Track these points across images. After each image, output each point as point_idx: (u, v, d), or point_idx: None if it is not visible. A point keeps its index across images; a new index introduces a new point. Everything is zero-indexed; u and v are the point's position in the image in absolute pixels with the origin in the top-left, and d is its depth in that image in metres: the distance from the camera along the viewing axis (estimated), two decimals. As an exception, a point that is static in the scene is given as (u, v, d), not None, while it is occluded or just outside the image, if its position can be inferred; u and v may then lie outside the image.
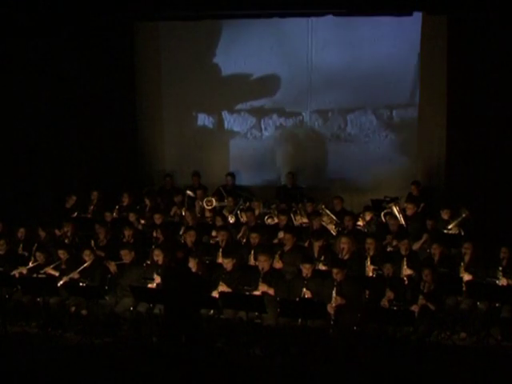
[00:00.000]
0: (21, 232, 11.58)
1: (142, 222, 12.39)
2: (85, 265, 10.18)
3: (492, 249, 10.30)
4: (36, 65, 13.91)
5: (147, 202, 13.05)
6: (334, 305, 9.04)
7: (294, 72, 14.33)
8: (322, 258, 10.33)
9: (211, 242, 11.40)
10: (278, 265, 10.30)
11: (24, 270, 10.57)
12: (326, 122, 14.34)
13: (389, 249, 10.94)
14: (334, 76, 14.13)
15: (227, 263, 9.84)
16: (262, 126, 14.69)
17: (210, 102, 14.77)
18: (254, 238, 10.77)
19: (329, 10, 13.52)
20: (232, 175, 14.14)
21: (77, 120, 14.42)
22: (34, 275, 10.37)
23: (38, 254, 10.71)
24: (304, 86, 14.29)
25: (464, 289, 9.59)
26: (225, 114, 14.79)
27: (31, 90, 14.01)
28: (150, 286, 9.75)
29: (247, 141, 14.75)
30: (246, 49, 14.45)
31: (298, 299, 9.16)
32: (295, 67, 14.31)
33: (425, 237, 11.04)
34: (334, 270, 9.31)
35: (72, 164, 14.45)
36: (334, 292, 9.12)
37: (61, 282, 9.91)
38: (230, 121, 14.80)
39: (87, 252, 10.32)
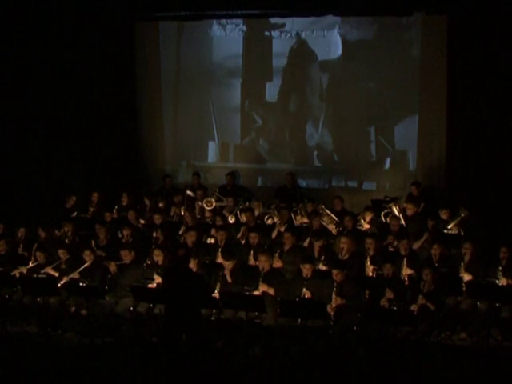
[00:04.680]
0: (21, 232, 11.57)
1: (142, 222, 12.40)
2: (85, 265, 10.17)
3: (492, 249, 10.30)
4: (36, 65, 13.94)
5: (147, 202, 13.06)
6: (333, 305, 9.05)
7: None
8: (323, 258, 10.32)
9: (209, 241, 11.38)
10: (277, 264, 10.30)
11: (24, 270, 10.57)
12: (325, 121, 14.35)
13: (390, 249, 10.94)
14: (334, 76, 14.18)
15: (228, 265, 9.84)
16: (264, 127, 14.71)
17: (210, 103, 14.76)
18: (254, 237, 10.77)
19: (329, 10, 13.55)
20: (232, 175, 14.14)
21: (77, 120, 14.43)
22: (34, 275, 10.37)
23: (38, 253, 10.70)
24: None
25: (464, 289, 9.59)
26: (225, 115, 14.78)
27: (31, 91, 14.03)
28: (150, 286, 9.75)
29: (249, 141, 14.77)
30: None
31: (297, 299, 9.17)
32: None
33: (425, 235, 11.05)
34: (334, 271, 9.31)
35: (72, 164, 14.46)
36: (333, 292, 9.13)
37: (61, 282, 9.90)
38: (232, 122, 14.79)
39: (87, 252, 10.31)
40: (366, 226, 11.85)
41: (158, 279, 9.71)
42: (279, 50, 14.41)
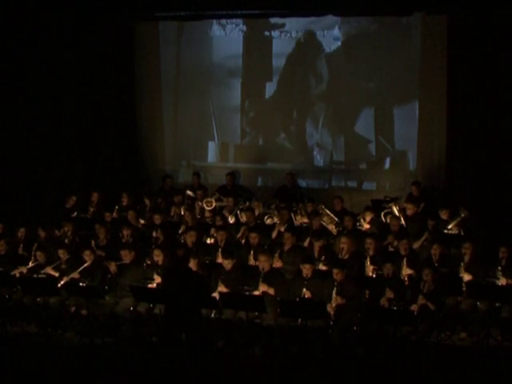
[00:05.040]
0: (21, 232, 11.57)
1: (142, 221, 12.40)
2: (85, 265, 10.17)
3: (492, 249, 10.30)
4: (36, 65, 13.93)
5: (147, 202, 13.05)
6: (333, 305, 9.05)
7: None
8: (323, 258, 10.32)
9: (209, 241, 11.38)
10: (277, 264, 10.31)
11: (24, 270, 10.57)
12: (325, 121, 14.35)
13: (390, 249, 10.94)
14: (334, 75, 14.19)
15: (227, 264, 9.85)
16: (264, 127, 14.71)
17: (210, 103, 14.76)
18: (254, 237, 10.77)
19: (329, 10, 13.56)
20: (232, 175, 14.14)
21: (77, 120, 14.42)
22: (34, 275, 10.36)
23: (38, 253, 10.70)
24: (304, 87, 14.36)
25: (464, 289, 9.59)
26: (225, 115, 14.77)
27: (31, 91, 14.03)
28: (149, 286, 9.75)
29: (249, 141, 14.77)
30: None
31: (297, 299, 9.17)
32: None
33: (425, 235, 11.04)
34: (335, 271, 9.32)
35: (72, 164, 14.46)
36: (334, 292, 9.13)
37: (61, 283, 9.90)
38: (232, 122, 14.78)
39: (87, 252, 10.31)
40: (366, 226, 11.85)
41: (157, 279, 9.72)
42: (279, 49, 14.42)
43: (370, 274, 10.15)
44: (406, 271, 10.00)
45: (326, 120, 14.35)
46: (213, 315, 9.38)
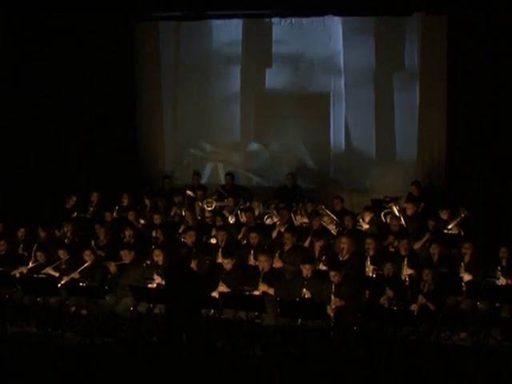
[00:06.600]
0: (21, 232, 11.58)
1: (142, 221, 12.40)
2: (85, 265, 10.18)
3: (492, 249, 10.30)
4: (36, 65, 13.93)
5: (147, 202, 13.06)
6: (333, 306, 9.04)
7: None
8: (323, 258, 10.32)
9: (211, 241, 11.38)
10: (277, 264, 10.31)
11: (24, 270, 10.57)
12: (325, 121, 14.35)
13: (391, 249, 10.94)
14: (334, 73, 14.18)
15: (227, 263, 9.85)
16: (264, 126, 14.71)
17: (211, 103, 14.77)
18: (254, 237, 10.77)
19: (329, 10, 13.56)
20: (232, 175, 14.14)
21: (77, 120, 14.42)
22: (34, 275, 10.36)
23: (38, 253, 10.70)
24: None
25: (464, 289, 9.59)
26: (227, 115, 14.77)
27: (31, 91, 14.02)
28: (150, 286, 9.75)
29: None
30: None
31: (297, 299, 9.16)
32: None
33: (427, 236, 11.04)
34: (332, 273, 9.29)
35: (72, 164, 14.46)
36: (332, 294, 9.12)
37: (61, 283, 9.90)
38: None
39: (87, 252, 10.32)
40: (366, 226, 11.85)
41: (158, 279, 9.72)
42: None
43: (370, 274, 10.14)
44: (407, 271, 10.00)
45: (325, 120, 14.33)
46: (212, 312, 9.36)
